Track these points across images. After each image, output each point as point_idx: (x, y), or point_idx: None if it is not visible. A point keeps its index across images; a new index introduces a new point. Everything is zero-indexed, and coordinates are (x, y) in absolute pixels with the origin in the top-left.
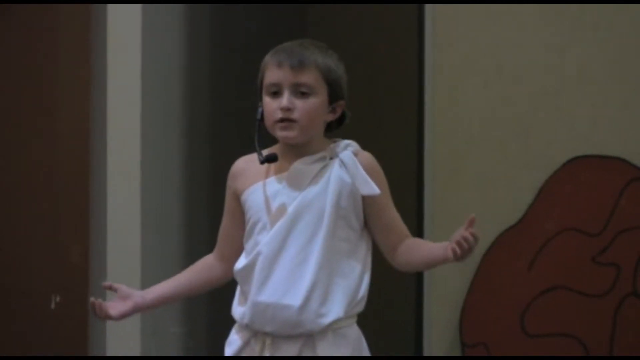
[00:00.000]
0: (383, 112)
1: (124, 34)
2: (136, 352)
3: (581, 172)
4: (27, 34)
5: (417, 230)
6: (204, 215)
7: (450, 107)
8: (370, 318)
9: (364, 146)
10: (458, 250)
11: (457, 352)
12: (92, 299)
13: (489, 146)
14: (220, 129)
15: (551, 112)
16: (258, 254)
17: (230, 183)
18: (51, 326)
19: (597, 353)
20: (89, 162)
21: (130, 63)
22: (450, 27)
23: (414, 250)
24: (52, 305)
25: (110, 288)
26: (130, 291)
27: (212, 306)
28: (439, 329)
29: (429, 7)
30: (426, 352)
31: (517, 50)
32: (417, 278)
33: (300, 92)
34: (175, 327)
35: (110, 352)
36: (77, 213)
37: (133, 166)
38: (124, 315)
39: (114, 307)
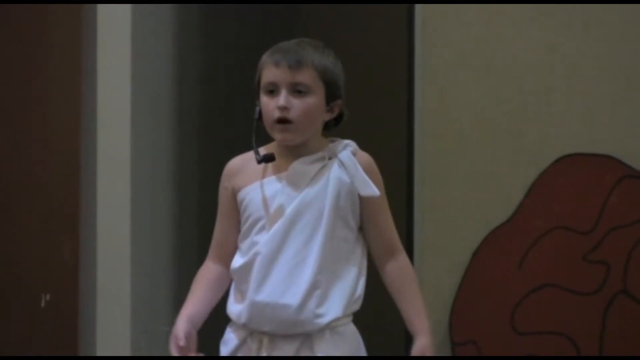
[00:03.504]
0: (373, 111)
1: (114, 34)
2: (126, 351)
3: (571, 170)
4: (17, 34)
5: (407, 228)
6: (194, 214)
7: (440, 106)
8: (361, 317)
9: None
10: None
11: (447, 351)
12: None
13: (479, 144)
14: (211, 127)
15: (541, 110)
16: (256, 253)
17: (226, 183)
18: (41, 325)
19: (587, 351)
20: (79, 160)
21: (120, 63)
22: (440, 26)
23: (399, 294)
24: (42, 304)
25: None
26: (187, 338)
27: None
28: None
29: (419, 7)
30: None
31: (507, 48)
32: None
33: (298, 91)
34: (165, 326)
35: (100, 351)
36: (67, 212)
37: (123, 165)
38: None
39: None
